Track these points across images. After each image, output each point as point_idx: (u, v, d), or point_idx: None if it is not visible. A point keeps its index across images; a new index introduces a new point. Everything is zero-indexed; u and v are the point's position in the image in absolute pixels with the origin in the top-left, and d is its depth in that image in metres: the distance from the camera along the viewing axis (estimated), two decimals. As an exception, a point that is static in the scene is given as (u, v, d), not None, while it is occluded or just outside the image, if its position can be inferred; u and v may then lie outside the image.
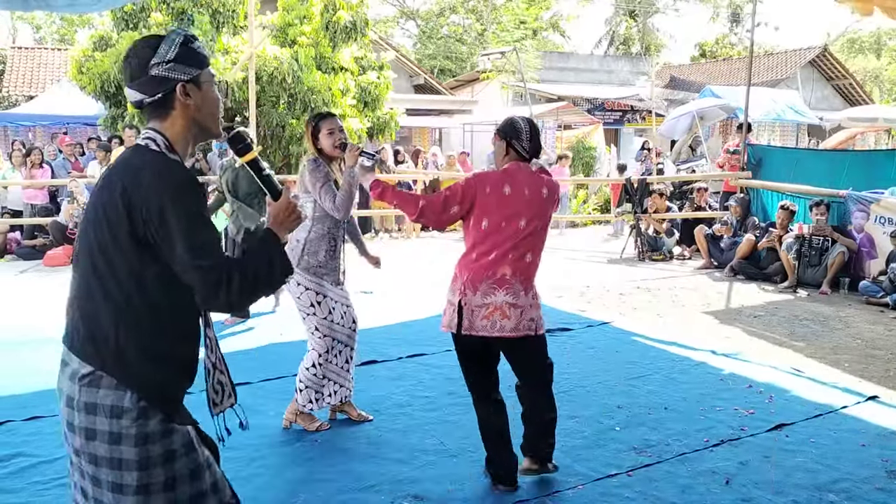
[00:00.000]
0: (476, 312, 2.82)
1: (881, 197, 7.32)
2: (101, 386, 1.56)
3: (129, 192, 1.52)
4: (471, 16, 32.97)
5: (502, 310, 2.82)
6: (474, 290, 2.83)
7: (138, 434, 1.56)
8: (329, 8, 11.28)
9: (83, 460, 1.59)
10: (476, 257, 2.85)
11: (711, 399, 4.07)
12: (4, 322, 5.77)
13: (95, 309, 1.58)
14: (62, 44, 26.35)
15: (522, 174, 2.90)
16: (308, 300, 3.43)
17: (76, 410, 1.56)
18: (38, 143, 11.77)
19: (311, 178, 3.38)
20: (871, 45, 39.28)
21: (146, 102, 1.64)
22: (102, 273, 1.56)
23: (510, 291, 2.83)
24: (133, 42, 1.68)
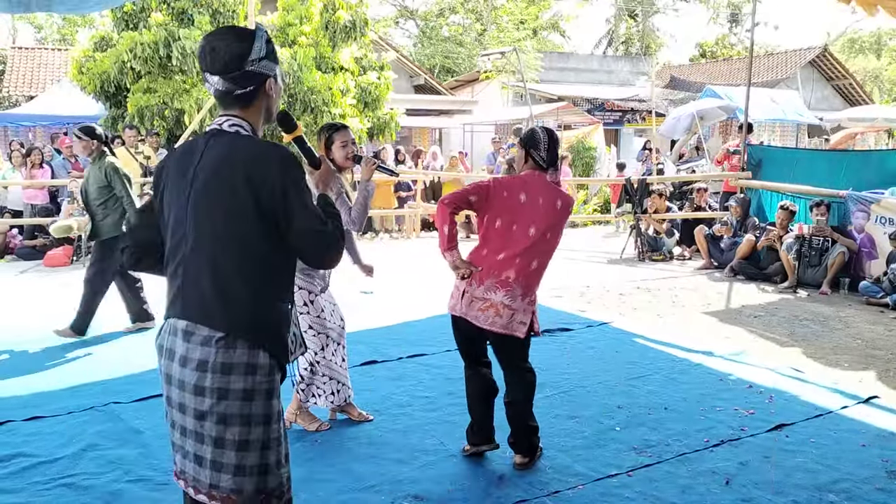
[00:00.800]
0: (474, 303, 3.04)
1: (881, 197, 7.32)
2: (237, 347, 1.71)
3: (252, 174, 1.72)
4: (470, 16, 32.98)
5: (497, 308, 3.02)
6: (479, 284, 3.03)
7: (268, 389, 1.76)
8: (329, 8, 11.29)
9: (209, 422, 1.71)
10: (486, 254, 3.06)
11: (711, 399, 4.07)
12: (5, 322, 5.77)
13: (228, 279, 1.74)
14: (63, 44, 26.37)
15: (539, 184, 3.07)
16: (301, 299, 3.43)
17: (210, 372, 1.70)
18: (38, 144, 11.76)
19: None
20: (871, 46, 39.28)
21: (236, 94, 1.80)
22: (233, 247, 1.73)
23: (509, 293, 3.01)
24: (218, 35, 1.81)
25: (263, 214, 1.73)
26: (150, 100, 10.14)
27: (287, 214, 1.74)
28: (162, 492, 2.94)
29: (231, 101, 1.81)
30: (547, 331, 5.52)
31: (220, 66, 1.77)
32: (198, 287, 1.74)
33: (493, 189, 3.04)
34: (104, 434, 3.51)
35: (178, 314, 1.77)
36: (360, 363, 4.66)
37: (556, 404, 3.96)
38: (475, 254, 3.11)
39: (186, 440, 1.76)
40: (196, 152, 1.80)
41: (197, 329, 1.73)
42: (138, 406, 3.89)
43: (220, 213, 1.73)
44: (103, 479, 3.05)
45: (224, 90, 1.79)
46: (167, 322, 1.81)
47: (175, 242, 1.79)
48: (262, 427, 1.75)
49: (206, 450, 1.73)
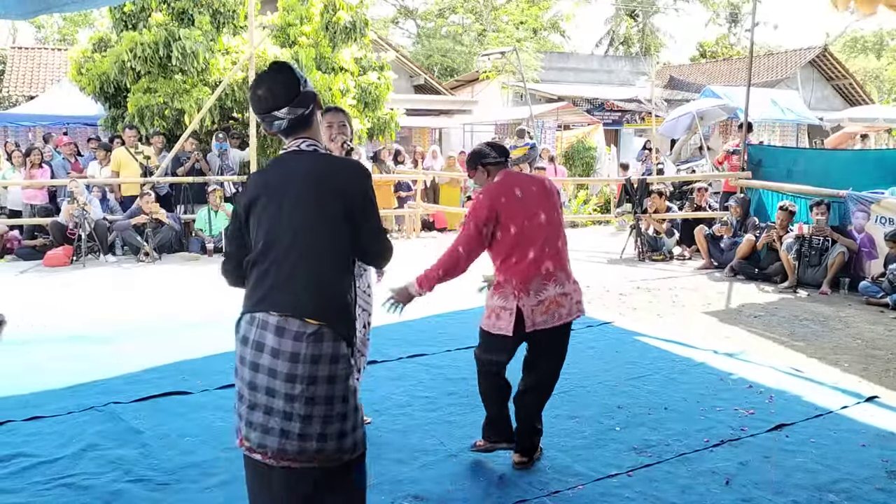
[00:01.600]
0: (535, 311, 2.99)
1: (881, 197, 7.32)
2: (324, 340, 1.97)
3: (341, 184, 2.05)
4: (470, 16, 32.98)
5: (557, 301, 3.02)
6: (527, 292, 2.99)
7: (346, 374, 2.02)
8: (329, 8, 11.28)
9: (298, 403, 1.96)
10: (517, 261, 3.00)
11: (711, 399, 4.07)
12: (4, 322, 5.76)
13: (322, 277, 2.01)
14: (63, 44, 26.36)
15: (520, 176, 3.11)
16: None
17: (301, 363, 1.95)
18: (37, 144, 11.77)
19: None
20: (873, 46, 39.27)
21: (304, 115, 2.08)
22: (326, 248, 2.02)
23: (557, 282, 3.03)
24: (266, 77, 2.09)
25: (348, 218, 2.03)
26: (150, 100, 10.14)
27: (366, 217, 2.07)
28: (162, 492, 2.95)
29: (300, 125, 2.09)
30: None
31: (284, 98, 2.05)
32: (292, 285, 1.98)
33: (493, 202, 2.99)
34: (104, 434, 3.51)
35: (268, 309, 1.98)
36: (360, 363, 4.66)
37: (556, 404, 3.95)
38: (505, 267, 3.03)
39: (272, 419, 1.98)
40: (283, 169, 2.09)
41: (288, 324, 1.96)
42: (138, 406, 3.89)
43: (315, 218, 2.01)
44: (103, 479, 3.05)
45: (294, 117, 2.07)
46: (254, 316, 2.00)
47: (267, 246, 2.02)
48: (341, 404, 2.02)
49: (293, 425, 1.97)
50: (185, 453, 3.30)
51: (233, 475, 3.09)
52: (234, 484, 3.02)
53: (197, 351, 4.89)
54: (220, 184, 9.87)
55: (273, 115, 2.07)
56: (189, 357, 4.78)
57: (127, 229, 8.93)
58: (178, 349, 4.93)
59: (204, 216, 9.49)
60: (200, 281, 7.66)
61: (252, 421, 2.01)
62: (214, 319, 5.72)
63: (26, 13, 4.37)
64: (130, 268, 8.43)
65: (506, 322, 3.02)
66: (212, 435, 3.51)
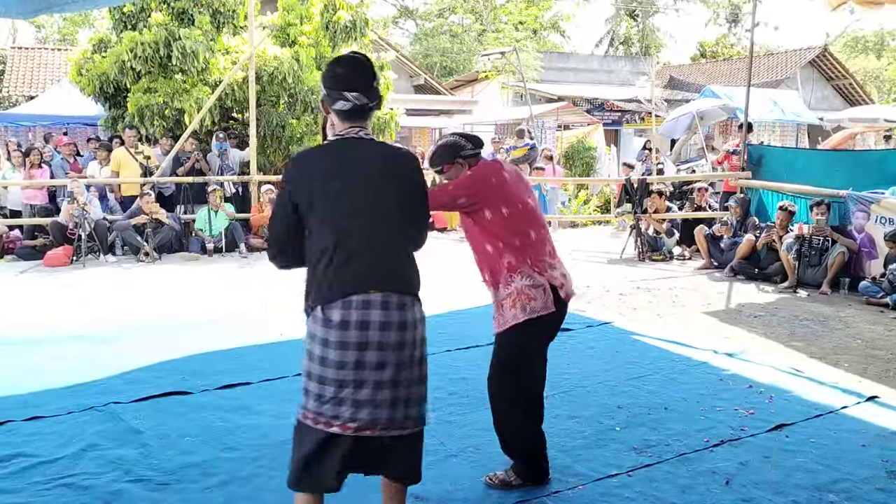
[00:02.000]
0: (561, 282, 2.87)
1: (881, 197, 7.31)
2: (416, 304, 2.23)
3: (414, 169, 2.29)
4: (470, 16, 32.99)
5: (564, 279, 2.93)
6: (546, 267, 2.85)
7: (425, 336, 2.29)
8: (329, 8, 11.28)
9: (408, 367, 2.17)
10: (521, 244, 2.82)
11: (711, 399, 4.07)
12: (4, 322, 5.77)
13: (405, 253, 2.25)
14: (63, 44, 26.37)
15: (501, 164, 2.98)
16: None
17: (409, 329, 2.18)
18: (37, 144, 11.76)
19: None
20: (873, 46, 39.27)
21: (368, 106, 2.25)
22: (405, 227, 2.24)
23: (560, 263, 2.96)
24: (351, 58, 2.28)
25: (411, 200, 2.25)
26: (150, 100, 10.13)
27: (424, 202, 2.30)
28: (162, 492, 2.94)
29: (361, 113, 2.23)
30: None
31: (358, 83, 2.20)
32: (383, 263, 2.15)
33: (480, 180, 2.84)
34: (104, 434, 3.51)
35: (367, 288, 2.11)
36: (360, 363, 4.66)
37: (556, 404, 3.96)
38: (512, 249, 2.81)
39: (381, 391, 2.11)
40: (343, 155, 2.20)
41: (389, 297, 2.13)
42: (138, 406, 3.89)
43: (395, 199, 2.20)
44: (103, 479, 3.05)
45: (360, 104, 2.21)
46: (350, 299, 2.09)
47: (345, 230, 2.12)
48: (422, 364, 2.25)
49: (401, 392, 2.14)
50: (185, 453, 3.30)
51: (233, 475, 3.09)
52: (234, 484, 3.02)
53: (197, 351, 4.89)
54: (220, 184, 9.87)
55: (343, 94, 2.18)
56: (189, 357, 4.78)
57: (127, 229, 8.93)
58: (178, 349, 4.93)
59: (204, 216, 9.49)
60: (200, 281, 7.66)
61: (360, 399, 2.10)
62: (214, 319, 5.72)
63: (27, 12, 4.38)
64: (130, 268, 8.43)
65: (542, 301, 2.78)
66: (212, 435, 3.51)
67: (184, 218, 9.79)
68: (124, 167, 9.72)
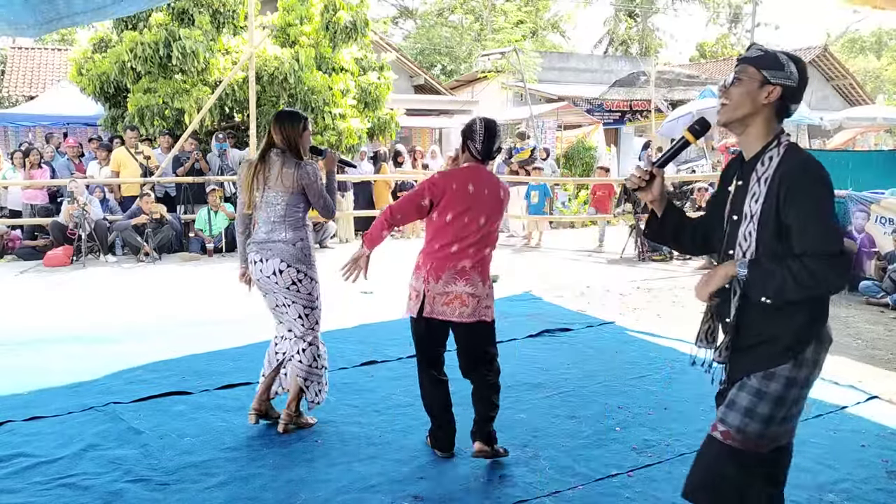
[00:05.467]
0: (437, 299, 3.07)
1: (881, 197, 7.31)
2: None
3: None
4: (469, 16, 33.00)
5: (462, 298, 3.07)
6: (437, 279, 3.06)
7: None
8: (329, 8, 11.29)
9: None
10: (438, 248, 3.06)
11: (711, 399, 4.04)
12: (4, 322, 5.77)
13: None
14: (63, 43, 26.34)
15: (483, 174, 3.12)
16: (318, 293, 3.51)
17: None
18: (37, 144, 11.77)
19: (317, 180, 3.41)
20: (871, 45, 39.27)
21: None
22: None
23: (469, 282, 3.08)
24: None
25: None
26: (150, 100, 10.14)
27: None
28: (162, 492, 2.94)
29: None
30: (547, 331, 5.52)
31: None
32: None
33: (443, 183, 3.04)
34: (104, 434, 3.51)
35: None
36: (361, 363, 4.66)
37: (556, 404, 3.96)
38: (427, 250, 3.11)
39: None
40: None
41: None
42: (138, 406, 3.89)
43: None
44: (103, 479, 3.05)
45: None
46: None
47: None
48: None
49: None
50: (185, 453, 3.30)
51: (232, 475, 3.09)
52: (234, 484, 3.02)
53: (197, 351, 4.89)
54: (220, 184, 9.88)
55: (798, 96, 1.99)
56: (189, 357, 4.79)
57: (127, 229, 8.93)
58: (178, 349, 4.93)
59: (204, 216, 9.49)
60: (200, 281, 7.67)
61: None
62: (214, 319, 5.72)
63: (39, 27, 4.38)
64: (130, 268, 8.44)
65: (413, 303, 3.13)
66: (212, 435, 3.51)
67: (184, 218, 9.79)
68: (124, 167, 9.72)
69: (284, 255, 3.36)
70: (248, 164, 3.45)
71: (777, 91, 1.91)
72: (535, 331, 5.47)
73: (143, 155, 9.71)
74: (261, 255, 3.39)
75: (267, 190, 3.38)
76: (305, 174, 3.37)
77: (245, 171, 3.44)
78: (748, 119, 1.97)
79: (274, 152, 3.40)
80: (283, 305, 3.46)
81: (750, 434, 1.96)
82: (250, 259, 3.45)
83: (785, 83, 1.91)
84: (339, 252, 9.42)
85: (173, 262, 8.82)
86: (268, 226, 3.40)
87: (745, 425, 1.96)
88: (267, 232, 3.40)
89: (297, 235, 3.40)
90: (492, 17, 29.81)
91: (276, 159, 3.38)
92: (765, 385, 1.95)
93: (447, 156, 13.58)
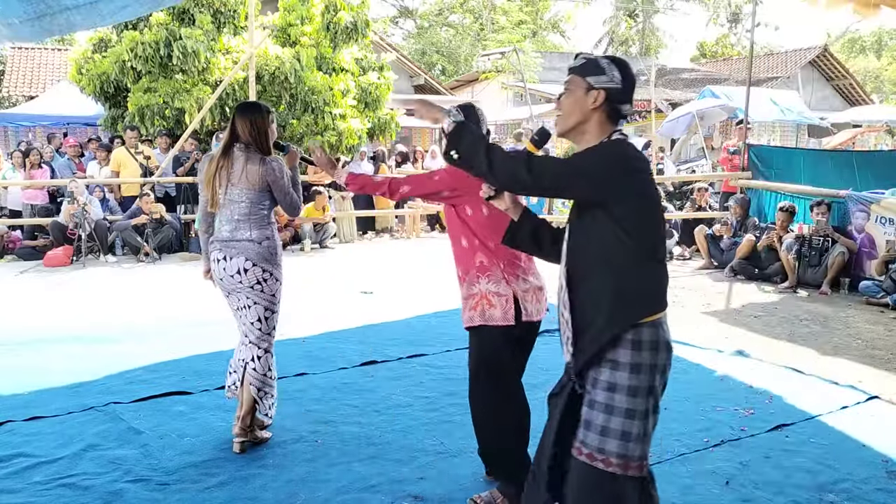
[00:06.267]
0: (526, 298, 2.70)
1: (881, 197, 7.31)
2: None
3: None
4: (469, 16, 33.00)
5: (536, 294, 2.74)
6: (516, 277, 2.70)
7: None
8: (330, 9, 11.29)
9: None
10: (495, 246, 2.66)
11: (711, 399, 4.07)
12: (4, 322, 5.77)
13: None
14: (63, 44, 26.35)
15: None
16: (280, 296, 3.37)
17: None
18: (37, 144, 11.77)
19: (283, 177, 3.25)
20: (871, 46, 39.27)
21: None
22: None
23: (534, 273, 2.78)
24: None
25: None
26: (151, 99, 10.14)
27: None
28: (162, 492, 2.94)
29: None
30: (547, 331, 5.51)
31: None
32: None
33: (459, 175, 2.61)
34: (104, 434, 3.51)
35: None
36: (360, 363, 4.66)
37: (556, 404, 3.95)
38: (487, 251, 2.70)
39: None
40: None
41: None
42: (138, 406, 3.89)
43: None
44: (103, 479, 3.05)
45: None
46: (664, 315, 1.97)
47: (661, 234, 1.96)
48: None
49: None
50: (185, 453, 3.30)
51: (232, 475, 3.09)
52: (234, 484, 3.02)
53: (197, 351, 4.89)
54: (221, 184, 9.86)
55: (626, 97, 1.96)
56: (189, 357, 4.78)
57: (127, 229, 8.93)
58: (178, 349, 4.93)
59: (204, 216, 9.48)
60: (200, 281, 7.65)
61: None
62: (214, 319, 5.72)
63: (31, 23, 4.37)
64: (130, 268, 8.44)
65: (502, 310, 2.67)
66: (212, 435, 3.51)
67: (184, 218, 9.78)
68: (124, 167, 9.72)
69: (250, 253, 3.20)
70: (211, 160, 3.26)
71: (602, 95, 1.92)
72: (535, 331, 5.46)
73: (143, 155, 9.71)
74: (224, 253, 3.24)
75: (230, 187, 3.20)
76: (271, 170, 3.21)
77: (207, 168, 3.25)
78: (581, 126, 1.97)
79: (237, 147, 3.22)
80: (245, 307, 3.32)
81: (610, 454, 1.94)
82: (213, 257, 3.30)
83: (608, 86, 1.92)
84: (339, 252, 9.44)
85: (173, 262, 8.82)
86: (231, 224, 3.23)
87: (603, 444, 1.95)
88: (231, 230, 3.23)
89: (263, 234, 3.24)
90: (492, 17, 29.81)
91: (239, 155, 3.21)
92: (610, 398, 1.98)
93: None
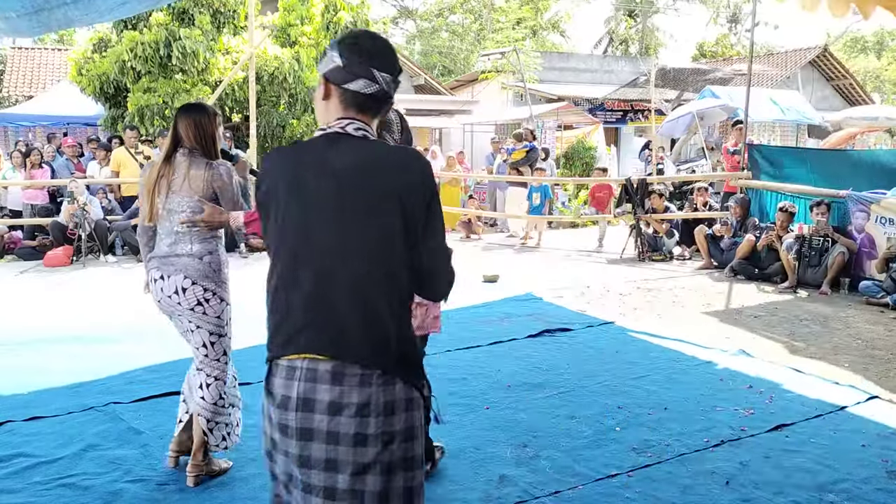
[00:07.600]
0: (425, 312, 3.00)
1: (881, 197, 7.31)
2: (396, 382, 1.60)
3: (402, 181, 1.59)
4: (469, 16, 33.00)
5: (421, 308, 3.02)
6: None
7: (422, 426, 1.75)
8: (330, 9, 11.30)
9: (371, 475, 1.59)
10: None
11: (711, 399, 4.07)
12: (4, 322, 5.77)
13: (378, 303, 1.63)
14: (62, 44, 26.36)
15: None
16: (228, 317, 3.10)
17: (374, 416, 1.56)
18: (37, 144, 11.76)
19: (232, 183, 2.94)
20: (873, 45, 39.28)
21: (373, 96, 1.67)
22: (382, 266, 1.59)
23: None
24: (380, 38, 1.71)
25: (406, 228, 1.55)
26: (150, 99, 10.15)
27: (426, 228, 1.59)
28: (162, 492, 2.95)
29: (364, 103, 1.64)
30: (547, 331, 5.52)
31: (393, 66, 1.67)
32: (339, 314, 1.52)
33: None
34: (104, 434, 3.51)
35: (314, 349, 1.51)
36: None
37: (556, 404, 3.96)
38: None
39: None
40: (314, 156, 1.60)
41: (346, 367, 1.50)
42: (138, 406, 3.89)
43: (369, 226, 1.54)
44: (103, 479, 3.05)
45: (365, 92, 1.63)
46: (289, 362, 1.53)
47: (296, 261, 1.55)
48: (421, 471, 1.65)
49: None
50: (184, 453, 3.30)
51: (232, 475, 3.09)
52: (233, 484, 3.02)
53: (197, 351, 4.89)
54: (221, 184, 9.85)
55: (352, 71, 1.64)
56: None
57: (127, 229, 8.93)
58: (178, 349, 4.91)
59: (204, 216, 9.47)
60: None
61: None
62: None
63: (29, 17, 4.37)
64: (130, 268, 8.43)
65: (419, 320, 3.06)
66: (212, 435, 3.50)
67: (184, 218, 9.77)
68: (124, 167, 9.71)
69: (189, 270, 2.86)
70: (153, 167, 2.92)
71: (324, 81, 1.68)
72: (535, 331, 5.47)
73: (143, 155, 9.71)
74: (161, 271, 2.88)
75: (171, 195, 2.86)
76: (218, 175, 2.88)
77: (147, 176, 2.91)
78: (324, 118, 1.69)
79: (180, 152, 2.90)
80: (188, 331, 3.03)
81: None
82: (150, 277, 2.94)
83: (329, 68, 1.67)
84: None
85: (173, 262, 8.81)
86: (171, 237, 2.89)
87: None
88: (170, 245, 2.89)
89: (205, 248, 2.92)
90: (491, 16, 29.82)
91: (182, 160, 2.88)
92: None
93: (447, 156, 13.59)
